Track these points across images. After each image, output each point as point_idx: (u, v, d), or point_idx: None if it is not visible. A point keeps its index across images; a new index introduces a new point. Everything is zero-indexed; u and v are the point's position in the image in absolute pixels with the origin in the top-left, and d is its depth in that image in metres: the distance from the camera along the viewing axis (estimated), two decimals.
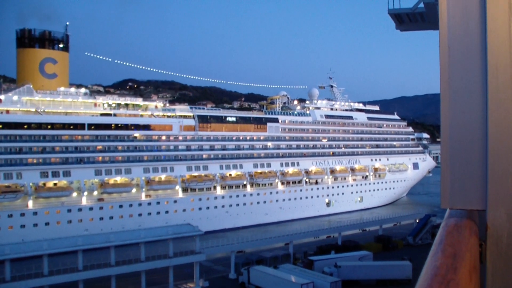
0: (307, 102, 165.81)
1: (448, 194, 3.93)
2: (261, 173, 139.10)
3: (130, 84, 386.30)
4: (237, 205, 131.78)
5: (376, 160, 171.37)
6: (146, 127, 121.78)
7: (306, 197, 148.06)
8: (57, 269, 66.87)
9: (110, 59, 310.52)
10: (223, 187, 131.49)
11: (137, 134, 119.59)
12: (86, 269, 68.81)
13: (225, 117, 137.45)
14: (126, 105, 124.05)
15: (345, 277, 77.58)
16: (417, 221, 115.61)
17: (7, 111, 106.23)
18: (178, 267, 76.92)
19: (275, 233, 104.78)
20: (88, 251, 70.87)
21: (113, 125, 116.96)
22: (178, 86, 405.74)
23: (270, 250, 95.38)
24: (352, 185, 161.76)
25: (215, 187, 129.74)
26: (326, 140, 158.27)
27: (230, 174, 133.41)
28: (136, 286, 74.24)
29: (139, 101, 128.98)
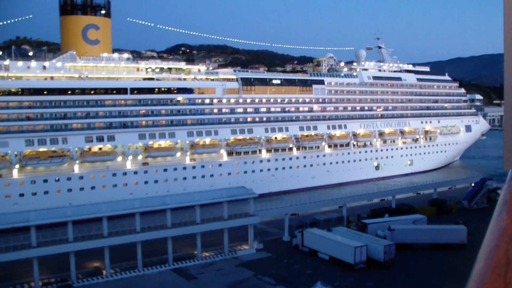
0: (354, 63, 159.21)
1: (511, 155, 3.56)
2: (307, 136, 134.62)
3: (182, 49, 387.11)
4: (283, 168, 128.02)
5: (426, 122, 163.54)
6: (189, 90, 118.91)
7: (354, 160, 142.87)
8: (116, 231, 67.20)
9: (152, 24, 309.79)
10: (268, 151, 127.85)
11: (180, 97, 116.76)
12: (144, 231, 69.05)
13: (270, 79, 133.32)
14: (169, 69, 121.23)
15: (398, 241, 75.88)
16: (473, 185, 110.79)
17: (52, 78, 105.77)
18: (232, 229, 76.95)
19: (329, 195, 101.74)
20: (145, 214, 70.71)
21: (156, 89, 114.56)
22: (230, 50, 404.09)
23: (323, 213, 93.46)
24: (401, 148, 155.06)
25: (260, 151, 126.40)
26: (374, 101, 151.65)
27: (275, 137, 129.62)
28: (192, 248, 74.53)
29: (181, 65, 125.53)
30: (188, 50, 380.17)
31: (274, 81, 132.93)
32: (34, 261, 61.70)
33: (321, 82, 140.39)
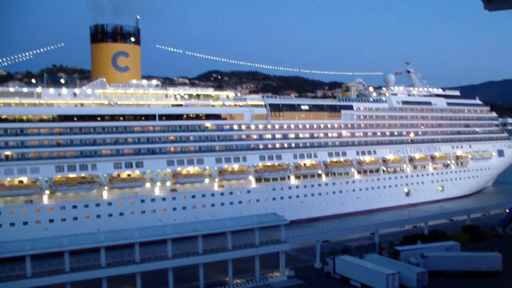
0: (383, 88, 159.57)
1: None
2: (336, 162, 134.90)
3: (214, 75, 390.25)
4: (312, 195, 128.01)
5: (457, 147, 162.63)
6: (217, 116, 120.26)
7: (384, 187, 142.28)
8: (148, 257, 67.69)
9: (181, 51, 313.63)
10: (297, 177, 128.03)
11: (208, 124, 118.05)
12: (175, 257, 69.26)
13: (298, 105, 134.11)
14: (198, 95, 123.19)
15: (431, 268, 74.91)
16: (507, 210, 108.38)
17: (82, 104, 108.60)
18: (264, 256, 76.60)
19: (360, 222, 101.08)
20: (176, 240, 70.87)
21: (184, 115, 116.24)
22: (261, 76, 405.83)
23: (355, 239, 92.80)
24: (432, 174, 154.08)
25: (289, 177, 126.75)
26: (403, 126, 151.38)
27: (304, 164, 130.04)
28: (223, 274, 74.41)
29: (210, 91, 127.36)
30: (219, 77, 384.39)
31: (303, 107, 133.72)
32: (67, 286, 62.52)
33: (350, 108, 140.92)
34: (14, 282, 59.77)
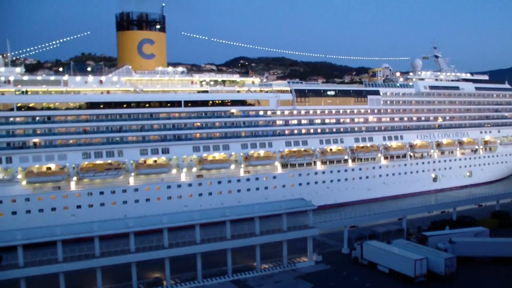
0: (410, 73, 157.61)
1: None
2: (362, 147, 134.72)
3: (241, 62, 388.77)
4: (338, 180, 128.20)
5: (486, 132, 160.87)
6: (243, 102, 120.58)
7: (411, 172, 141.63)
8: (176, 242, 68.73)
9: (206, 38, 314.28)
10: (323, 162, 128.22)
11: (234, 110, 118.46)
12: (204, 242, 70.10)
13: (324, 90, 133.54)
14: (223, 81, 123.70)
15: (460, 254, 74.69)
16: None
17: (108, 92, 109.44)
18: (291, 241, 76.69)
19: (387, 207, 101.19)
20: (204, 225, 71.57)
21: (209, 101, 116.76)
22: (288, 62, 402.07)
23: (382, 225, 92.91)
24: (460, 159, 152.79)
25: (315, 163, 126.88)
26: (431, 112, 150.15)
27: (330, 149, 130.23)
28: (251, 260, 74.94)
29: (235, 77, 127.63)
30: (246, 63, 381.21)
31: (329, 92, 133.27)
32: (98, 271, 63.60)
33: (377, 93, 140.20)
34: (46, 267, 61.24)
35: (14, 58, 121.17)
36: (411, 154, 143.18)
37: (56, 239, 62.37)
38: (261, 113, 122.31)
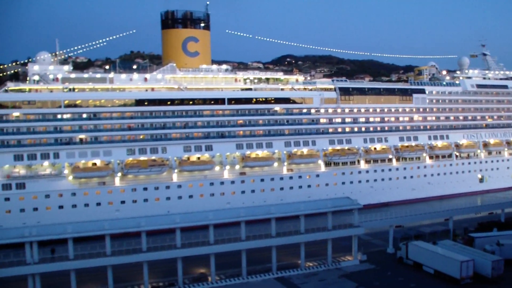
0: (457, 72, 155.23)
1: None
2: (407, 146, 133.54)
3: (288, 60, 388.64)
4: (382, 179, 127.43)
5: None
6: (287, 100, 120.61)
7: (457, 172, 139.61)
8: (222, 239, 69.88)
9: (250, 36, 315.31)
10: (367, 161, 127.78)
11: (277, 107, 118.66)
12: (248, 239, 71.13)
13: (368, 89, 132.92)
14: (267, 79, 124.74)
15: (508, 256, 73.65)
16: None
17: (152, 89, 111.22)
18: (336, 240, 77.17)
19: (433, 208, 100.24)
20: (250, 223, 72.59)
21: (253, 99, 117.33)
22: (335, 60, 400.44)
23: (428, 225, 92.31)
24: (508, 160, 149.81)
25: (358, 161, 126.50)
26: (478, 111, 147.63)
27: (374, 148, 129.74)
28: (295, 257, 75.44)
29: (279, 75, 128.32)
30: (293, 61, 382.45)
31: (373, 91, 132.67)
32: (144, 265, 65.03)
33: (422, 91, 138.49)
34: (95, 260, 63.00)
35: (66, 56, 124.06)
36: (457, 154, 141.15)
37: (104, 233, 63.99)
38: (304, 111, 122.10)
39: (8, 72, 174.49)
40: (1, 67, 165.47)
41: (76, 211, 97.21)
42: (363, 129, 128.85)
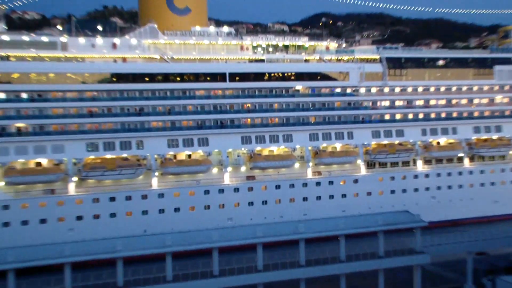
0: None
1: None
2: (485, 140, 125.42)
3: (323, 20, 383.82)
4: (450, 187, 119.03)
5: None
6: (313, 76, 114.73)
7: None
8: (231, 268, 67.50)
9: None
10: (427, 161, 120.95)
11: (299, 86, 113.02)
12: (267, 269, 68.32)
13: (429, 59, 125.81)
14: (285, 47, 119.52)
15: None
16: None
17: (124, 59, 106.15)
18: (391, 271, 74.85)
19: None
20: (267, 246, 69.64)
21: (265, 74, 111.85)
22: (389, 20, 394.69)
23: None
24: None
25: (414, 161, 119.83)
26: None
27: (437, 142, 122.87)
28: None
29: (303, 41, 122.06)
30: (330, 21, 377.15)
31: (436, 62, 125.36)
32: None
33: (508, 61, 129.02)
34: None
35: (7, 10, 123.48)
36: None
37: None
38: (338, 91, 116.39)
39: None
40: None
41: (7, 231, 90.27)
42: (421, 116, 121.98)
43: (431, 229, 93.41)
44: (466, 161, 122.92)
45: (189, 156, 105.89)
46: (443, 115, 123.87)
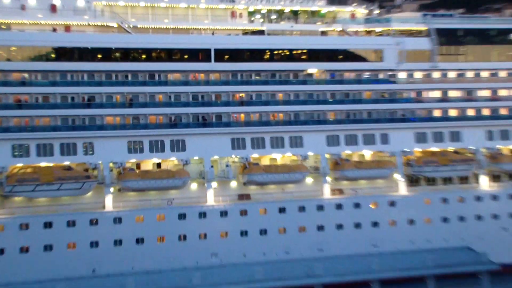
0: None
1: None
2: None
3: None
4: None
5: None
6: (331, 55, 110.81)
7: None
8: None
9: None
10: (495, 177, 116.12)
11: (313, 69, 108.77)
12: None
13: (498, 31, 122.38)
14: (294, 13, 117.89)
15: None
16: None
17: (67, 27, 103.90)
18: None
19: None
20: None
21: (266, 51, 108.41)
22: None
23: None
24: None
25: (476, 176, 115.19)
26: None
27: (510, 151, 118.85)
28: None
29: (318, 5, 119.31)
30: None
31: (510, 36, 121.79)
32: None
33: None
34: None
35: None
36: None
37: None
38: (367, 76, 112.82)
39: None
40: None
41: None
42: (485, 112, 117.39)
43: (502, 275, 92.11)
44: None
45: (158, 165, 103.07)
46: None
